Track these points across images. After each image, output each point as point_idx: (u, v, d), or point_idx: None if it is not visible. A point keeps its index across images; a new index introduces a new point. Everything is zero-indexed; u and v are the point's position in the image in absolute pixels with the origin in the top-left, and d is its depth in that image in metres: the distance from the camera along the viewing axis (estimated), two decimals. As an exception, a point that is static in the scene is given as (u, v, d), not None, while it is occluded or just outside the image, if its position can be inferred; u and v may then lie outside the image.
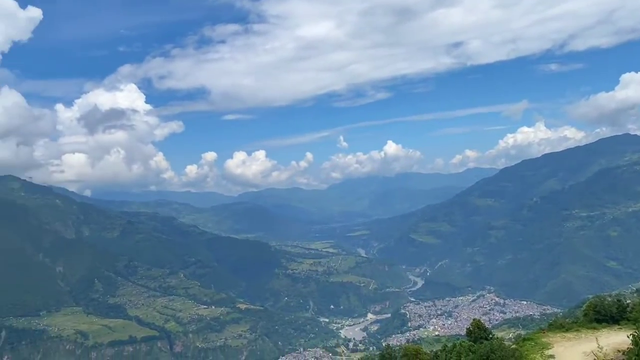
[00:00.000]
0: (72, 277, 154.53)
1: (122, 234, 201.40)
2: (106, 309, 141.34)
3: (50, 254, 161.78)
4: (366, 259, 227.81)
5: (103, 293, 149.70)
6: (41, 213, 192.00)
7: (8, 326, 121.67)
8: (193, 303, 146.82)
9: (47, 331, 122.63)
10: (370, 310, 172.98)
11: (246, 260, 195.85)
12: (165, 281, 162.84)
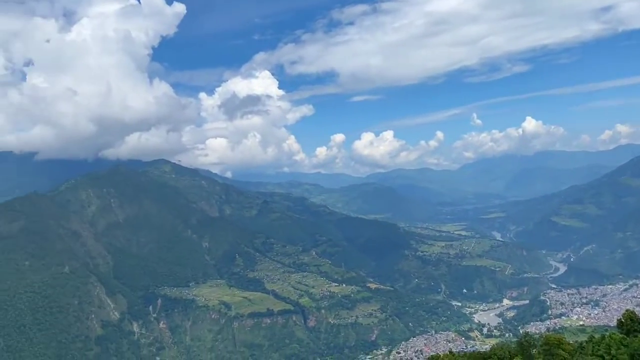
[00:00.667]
0: (216, 252, 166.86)
1: (259, 213, 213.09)
2: (246, 282, 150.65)
3: (197, 230, 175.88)
4: (502, 242, 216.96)
5: (243, 267, 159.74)
6: (189, 193, 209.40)
7: (163, 295, 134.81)
8: (325, 280, 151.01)
9: (196, 301, 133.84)
10: (506, 296, 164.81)
11: (375, 241, 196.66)
12: (299, 258, 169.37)
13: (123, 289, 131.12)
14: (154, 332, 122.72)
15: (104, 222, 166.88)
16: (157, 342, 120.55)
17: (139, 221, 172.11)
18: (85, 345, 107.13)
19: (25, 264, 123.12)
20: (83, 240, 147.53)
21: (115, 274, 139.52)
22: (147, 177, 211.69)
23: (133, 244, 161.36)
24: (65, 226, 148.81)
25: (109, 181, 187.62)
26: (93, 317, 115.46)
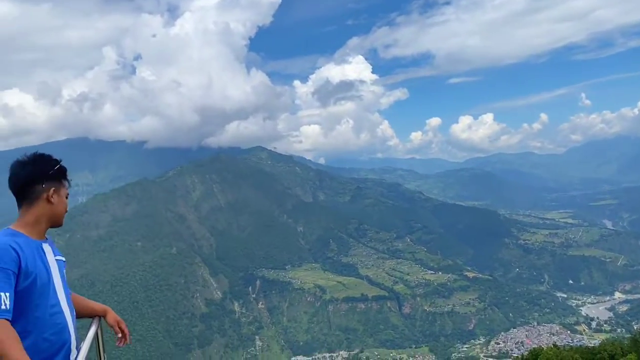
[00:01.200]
0: (310, 237, 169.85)
1: (352, 198, 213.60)
2: (340, 267, 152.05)
3: (293, 215, 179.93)
4: (613, 231, 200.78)
5: (337, 252, 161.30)
6: (284, 179, 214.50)
7: (261, 276, 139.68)
8: (420, 267, 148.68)
9: (292, 283, 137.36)
10: (617, 289, 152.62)
11: (473, 228, 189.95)
12: (393, 245, 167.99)
13: (225, 270, 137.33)
14: (253, 312, 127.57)
15: (207, 206, 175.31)
16: (257, 322, 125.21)
17: (239, 206, 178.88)
18: (191, 322, 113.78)
19: (138, 245, 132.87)
20: (188, 223, 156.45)
21: (217, 255, 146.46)
22: (245, 164, 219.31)
23: (233, 227, 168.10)
24: (173, 210, 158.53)
25: (211, 168, 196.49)
26: (198, 295, 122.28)
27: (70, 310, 2.99)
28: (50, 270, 2.90)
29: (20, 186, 2.90)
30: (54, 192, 2.95)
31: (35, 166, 2.93)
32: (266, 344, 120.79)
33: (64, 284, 3.02)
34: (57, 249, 3.10)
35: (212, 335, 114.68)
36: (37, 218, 2.93)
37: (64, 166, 3.06)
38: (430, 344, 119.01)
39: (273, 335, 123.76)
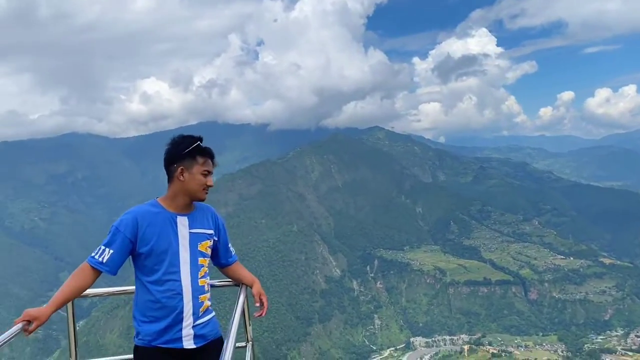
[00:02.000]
0: (429, 218, 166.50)
1: (475, 179, 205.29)
2: (461, 249, 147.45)
3: (411, 196, 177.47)
4: None
5: (458, 234, 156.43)
6: (402, 159, 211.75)
7: (379, 256, 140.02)
8: (548, 252, 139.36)
9: (410, 264, 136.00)
10: None
11: (611, 211, 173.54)
12: (519, 227, 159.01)
13: (343, 249, 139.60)
14: (371, 291, 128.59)
15: (325, 187, 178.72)
16: (375, 301, 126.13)
17: (356, 186, 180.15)
18: (312, 297, 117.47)
19: (262, 222, 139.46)
20: (308, 202, 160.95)
21: (335, 234, 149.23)
22: (362, 144, 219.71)
23: (351, 207, 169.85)
24: (293, 189, 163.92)
25: (329, 149, 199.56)
26: (317, 272, 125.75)
27: (192, 280, 3.21)
28: (178, 240, 3.19)
29: (164, 167, 3.35)
30: (183, 171, 3.23)
31: (169, 149, 3.32)
32: (385, 323, 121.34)
33: (192, 254, 3.24)
34: (206, 223, 3.39)
35: (331, 311, 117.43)
36: (174, 193, 3.28)
37: (197, 145, 3.26)
38: (559, 333, 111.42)
39: (392, 315, 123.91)
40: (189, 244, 3.22)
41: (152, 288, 3.12)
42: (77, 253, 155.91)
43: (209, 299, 3.37)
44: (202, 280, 3.27)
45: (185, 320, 3.17)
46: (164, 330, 3.14)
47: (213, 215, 3.48)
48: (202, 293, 3.27)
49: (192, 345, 3.20)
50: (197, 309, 3.23)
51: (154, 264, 3.13)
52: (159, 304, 3.11)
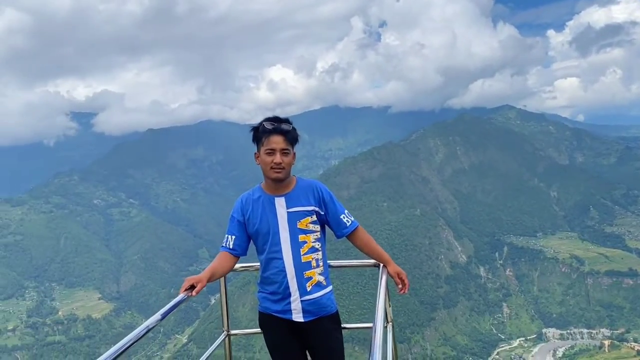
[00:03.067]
0: (565, 203, 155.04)
1: (619, 160, 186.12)
2: (602, 237, 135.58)
3: (544, 179, 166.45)
4: None
5: (599, 221, 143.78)
6: (535, 140, 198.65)
7: (509, 243, 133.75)
8: None
9: (544, 252, 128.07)
10: None
11: None
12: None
13: (469, 234, 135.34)
14: (500, 279, 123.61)
15: (450, 169, 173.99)
16: (504, 289, 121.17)
17: (484, 168, 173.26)
18: (436, 283, 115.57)
19: (384, 205, 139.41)
20: (431, 185, 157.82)
21: (461, 219, 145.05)
22: (491, 124, 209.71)
23: (478, 190, 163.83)
24: (416, 172, 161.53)
25: (455, 129, 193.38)
26: (442, 257, 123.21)
27: (294, 257, 3.40)
28: (277, 221, 3.41)
29: None
30: (256, 155, 3.43)
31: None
32: (514, 312, 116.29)
33: (292, 232, 3.41)
34: (304, 200, 3.47)
35: (457, 297, 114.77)
36: (264, 176, 3.48)
37: (258, 127, 3.40)
38: None
39: (522, 304, 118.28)
40: (288, 223, 3.40)
41: (264, 265, 3.48)
42: (214, 231, 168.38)
43: (322, 274, 3.48)
44: (306, 257, 3.41)
45: (293, 295, 3.40)
46: (276, 302, 3.46)
47: (315, 190, 3.51)
48: (308, 269, 3.42)
49: (300, 319, 3.43)
50: (303, 284, 3.41)
51: (262, 244, 3.45)
52: (269, 279, 3.45)
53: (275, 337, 3.57)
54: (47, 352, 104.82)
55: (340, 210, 3.57)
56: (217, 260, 3.46)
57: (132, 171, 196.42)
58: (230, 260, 3.50)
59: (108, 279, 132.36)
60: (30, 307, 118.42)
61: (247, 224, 3.46)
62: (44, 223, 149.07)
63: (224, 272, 3.53)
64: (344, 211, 3.60)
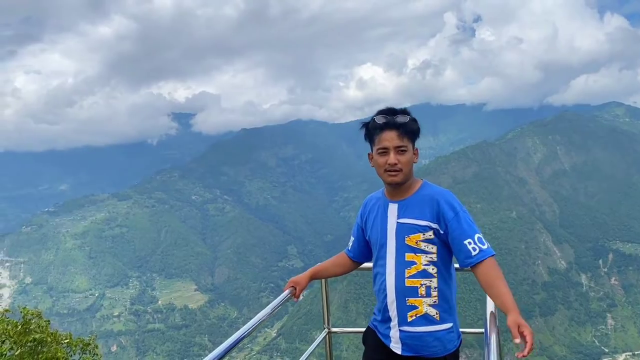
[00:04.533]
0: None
1: None
2: None
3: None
4: None
5: None
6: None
7: (615, 249, 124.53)
8: None
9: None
10: None
11: None
12: None
13: (570, 239, 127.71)
14: (604, 287, 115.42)
15: (550, 170, 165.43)
16: (608, 299, 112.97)
17: (587, 169, 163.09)
18: (532, 289, 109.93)
19: (477, 207, 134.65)
20: (529, 187, 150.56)
21: (561, 223, 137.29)
22: (595, 123, 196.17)
23: (580, 193, 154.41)
24: (512, 173, 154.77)
25: (555, 128, 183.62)
26: (539, 263, 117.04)
27: (397, 277, 2.80)
28: (387, 231, 2.85)
29: None
30: (370, 156, 2.90)
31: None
32: (620, 324, 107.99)
33: (399, 247, 2.80)
34: (419, 212, 2.81)
35: (555, 305, 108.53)
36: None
37: (371, 123, 2.84)
38: None
39: (629, 316, 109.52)
40: (396, 236, 2.81)
41: (373, 277, 2.98)
42: (302, 228, 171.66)
43: (435, 306, 2.76)
44: (411, 281, 2.75)
45: (392, 320, 2.83)
46: (380, 322, 2.93)
47: (434, 202, 2.79)
48: (413, 296, 2.76)
49: (398, 351, 2.84)
50: (404, 312, 2.78)
51: (374, 252, 2.97)
52: (376, 295, 2.98)
53: (372, 358, 3.01)
54: (147, 339, 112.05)
55: (467, 233, 2.74)
56: (331, 259, 3.27)
57: (226, 169, 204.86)
58: (346, 262, 3.22)
59: (203, 271, 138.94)
60: (133, 295, 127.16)
61: (365, 228, 3.05)
62: (147, 217, 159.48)
63: (334, 273, 3.28)
64: (473, 235, 2.75)
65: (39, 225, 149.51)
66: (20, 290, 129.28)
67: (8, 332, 5.96)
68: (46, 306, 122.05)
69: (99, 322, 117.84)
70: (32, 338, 6.02)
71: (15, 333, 5.96)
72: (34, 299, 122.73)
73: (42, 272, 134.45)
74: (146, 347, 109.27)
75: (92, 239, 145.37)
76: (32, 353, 6.05)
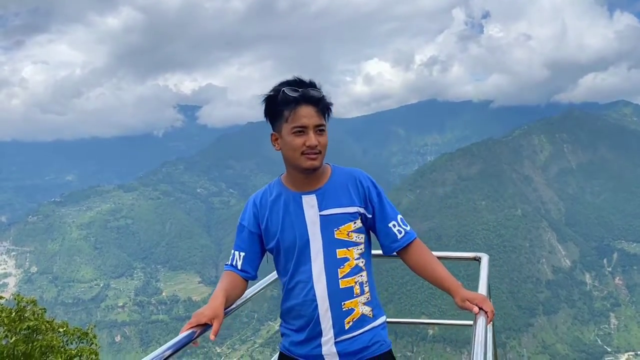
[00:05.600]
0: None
1: None
2: None
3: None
4: None
5: None
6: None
7: (620, 249, 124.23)
8: None
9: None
10: None
11: None
12: None
13: (575, 237, 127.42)
14: (608, 287, 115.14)
15: (556, 168, 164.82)
16: (612, 298, 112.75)
17: (593, 168, 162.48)
18: (536, 287, 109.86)
19: (482, 204, 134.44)
20: (534, 185, 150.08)
21: (566, 221, 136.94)
22: (603, 121, 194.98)
23: (586, 192, 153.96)
24: (518, 171, 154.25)
25: (562, 126, 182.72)
26: (543, 261, 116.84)
27: (329, 280, 2.22)
28: (307, 228, 2.23)
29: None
30: (275, 137, 2.35)
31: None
32: (623, 324, 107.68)
33: (327, 245, 2.23)
34: (344, 198, 2.28)
35: (558, 304, 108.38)
36: (286, 167, 2.38)
37: (276, 96, 2.24)
38: None
39: (632, 316, 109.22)
40: (321, 232, 2.22)
41: (287, 291, 2.32)
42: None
43: (368, 303, 2.28)
44: (346, 280, 2.23)
45: (325, 334, 2.24)
46: (302, 343, 2.30)
47: (358, 183, 2.31)
48: (349, 297, 2.23)
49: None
50: (341, 319, 2.23)
51: (285, 262, 2.30)
52: (293, 311, 2.30)
53: None
54: (151, 329, 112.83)
55: (391, 216, 2.32)
56: (225, 283, 2.33)
57: (232, 162, 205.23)
58: (239, 284, 2.38)
59: (208, 264, 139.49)
60: (137, 286, 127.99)
61: (265, 235, 2.33)
62: (152, 209, 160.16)
63: (236, 297, 2.39)
64: (396, 216, 2.33)
65: (45, 215, 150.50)
66: (26, 279, 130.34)
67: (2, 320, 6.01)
68: (51, 295, 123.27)
69: (103, 312, 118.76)
70: (26, 326, 6.07)
71: (9, 320, 6.00)
72: (39, 288, 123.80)
73: (48, 262, 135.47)
74: (150, 338, 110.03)
75: (97, 229, 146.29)
76: (27, 341, 6.09)
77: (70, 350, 6.65)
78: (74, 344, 6.97)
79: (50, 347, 6.15)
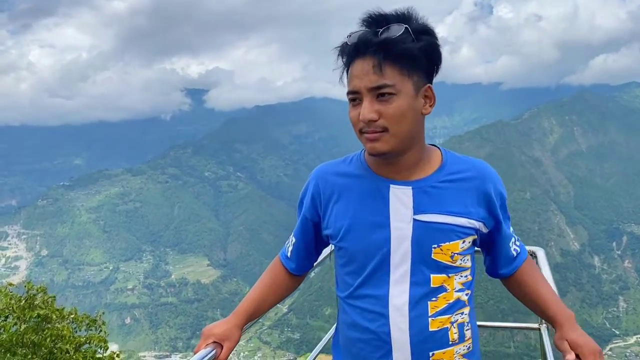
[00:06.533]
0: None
1: None
2: None
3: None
4: None
5: None
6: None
7: (629, 232, 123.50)
8: None
9: None
10: None
11: None
12: None
13: (584, 220, 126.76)
14: (616, 270, 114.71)
15: (566, 151, 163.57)
16: (621, 281, 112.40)
17: (604, 151, 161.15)
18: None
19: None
20: (544, 168, 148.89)
21: (575, 204, 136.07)
22: (614, 103, 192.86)
23: (596, 174, 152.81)
24: (528, 153, 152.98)
25: (572, 108, 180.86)
26: (552, 244, 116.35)
27: (412, 318, 1.34)
28: (390, 233, 1.35)
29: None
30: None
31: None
32: (632, 307, 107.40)
33: (416, 263, 1.34)
34: (459, 201, 1.37)
35: (567, 287, 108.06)
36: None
37: (342, 45, 1.41)
38: None
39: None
40: (412, 245, 1.34)
41: (347, 306, 1.46)
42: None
43: (469, 355, 1.42)
44: (438, 320, 1.35)
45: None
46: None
47: (488, 187, 1.41)
48: (441, 346, 1.36)
49: None
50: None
51: (354, 267, 1.42)
52: (353, 345, 1.44)
53: None
54: (160, 312, 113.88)
55: (509, 232, 1.51)
56: (264, 281, 1.67)
57: (239, 146, 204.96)
58: (283, 283, 1.68)
59: (216, 247, 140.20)
60: (147, 269, 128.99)
61: (325, 226, 1.49)
62: (160, 192, 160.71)
63: (274, 302, 1.66)
64: (512, 231, 1.53)
65: (55, 198, 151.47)
66: (37, 262, 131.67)
67: (12, 307, 5.89)
68: (62, 278, 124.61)
69: (113, 295, 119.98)
70: (36, 314, 5.94)
71: (18, 308, 5.88)
72: (49, 271, 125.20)
73: (58, 245, 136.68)
74: (159, 320, 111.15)
75: (106, 213, 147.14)
76: (37, 329, 5.97)
77: (79, 338, 6.54)
78: (83, 330, 6.86)
79: (61, 337, 6.03)
